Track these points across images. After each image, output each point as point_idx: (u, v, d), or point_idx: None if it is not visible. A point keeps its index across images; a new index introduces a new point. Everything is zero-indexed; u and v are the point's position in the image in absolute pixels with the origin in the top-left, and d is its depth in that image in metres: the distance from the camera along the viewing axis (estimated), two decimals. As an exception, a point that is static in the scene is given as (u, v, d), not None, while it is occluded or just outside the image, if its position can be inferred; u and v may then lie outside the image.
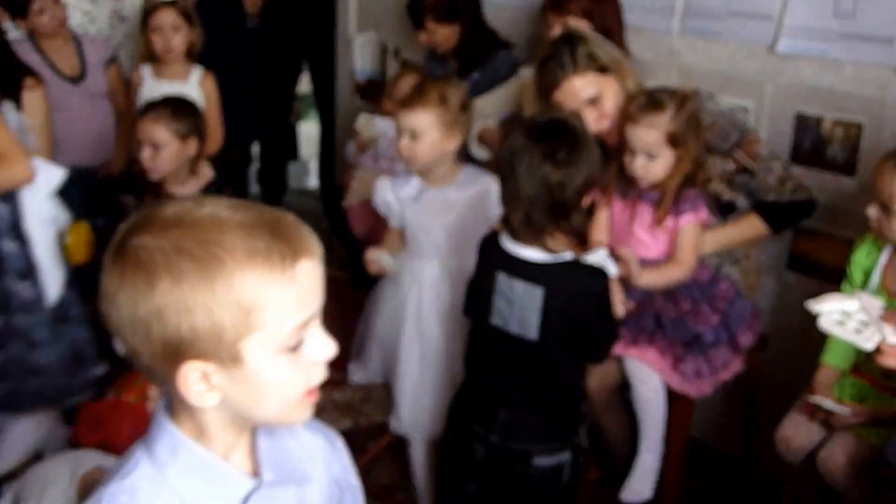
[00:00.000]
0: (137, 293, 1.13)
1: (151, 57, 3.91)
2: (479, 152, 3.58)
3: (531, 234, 2.27)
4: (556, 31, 3.25)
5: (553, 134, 2.26)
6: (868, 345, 1.69)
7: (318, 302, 1.21)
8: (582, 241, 2.31)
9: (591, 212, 2.35)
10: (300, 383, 1.21)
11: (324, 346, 1.22)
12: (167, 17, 3.79)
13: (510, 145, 2.28)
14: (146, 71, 3.92)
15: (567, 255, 2.29)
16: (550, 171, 2.20)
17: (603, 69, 2.78)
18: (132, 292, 1.13)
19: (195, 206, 1.17)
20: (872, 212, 2.47)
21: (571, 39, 2.81)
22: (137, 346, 1.16)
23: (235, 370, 1.16)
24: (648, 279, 2.67)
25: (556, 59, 2.78)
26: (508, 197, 2.29)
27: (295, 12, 5.37)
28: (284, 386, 1.20)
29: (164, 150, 3.11)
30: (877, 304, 1.68)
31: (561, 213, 2.24)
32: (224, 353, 1.15)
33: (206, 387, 1.17)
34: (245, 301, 1.13)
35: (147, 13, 3.87)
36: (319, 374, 1.24)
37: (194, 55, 3.91)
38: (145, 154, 3.12)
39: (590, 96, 2.78)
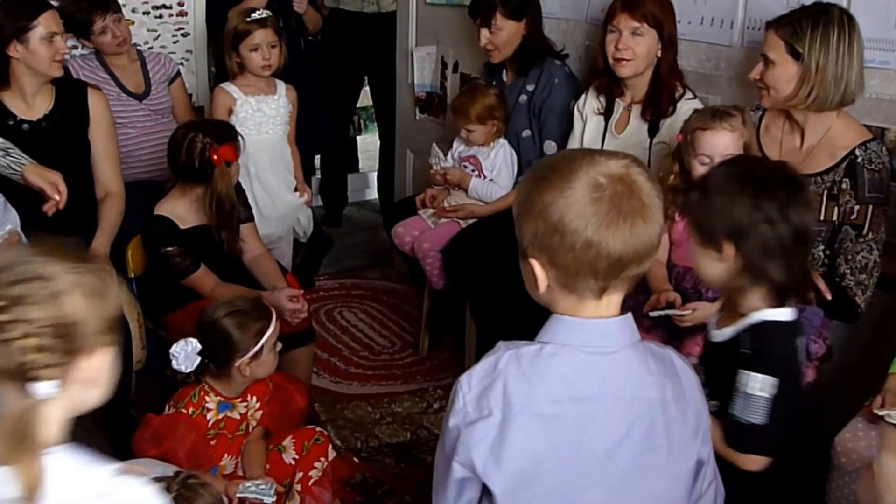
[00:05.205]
0: None
1: (232, 75, 3.99)
2: None
3: None
4: (626, 29, 3.26)
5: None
6: None
7: None
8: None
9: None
10: None
11: None
12: (266, 36, 3.88)
13: None
14: (232, 90, 3.96)
15: None
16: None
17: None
18: None
19: None
20: None
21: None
22: None
23: None
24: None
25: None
26: None
27: (355, 28, 5.43)
28: None
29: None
30: None
31: None
32: None
33: None
34: None
35: (243, 33, 3.90)
36: None
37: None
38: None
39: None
